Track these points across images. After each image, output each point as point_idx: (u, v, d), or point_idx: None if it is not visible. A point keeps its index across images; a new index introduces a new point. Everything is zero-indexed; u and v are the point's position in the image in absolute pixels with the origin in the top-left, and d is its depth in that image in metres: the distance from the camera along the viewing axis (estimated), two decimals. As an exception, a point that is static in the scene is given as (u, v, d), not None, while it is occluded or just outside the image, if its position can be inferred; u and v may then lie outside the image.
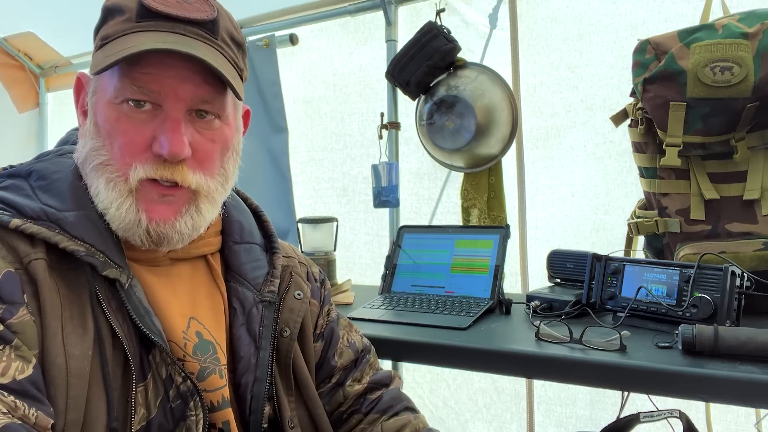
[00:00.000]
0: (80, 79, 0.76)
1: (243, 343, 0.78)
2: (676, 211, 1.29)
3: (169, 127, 0.68)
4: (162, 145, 0.67)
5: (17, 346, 0.59)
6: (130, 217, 0.68)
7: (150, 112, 0.68)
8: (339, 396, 0.92)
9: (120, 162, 0.68)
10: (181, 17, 0.69)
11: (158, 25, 0.68)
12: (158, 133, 0.68)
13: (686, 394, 0.88)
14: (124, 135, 0.68)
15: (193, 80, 0.69)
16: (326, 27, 2.09)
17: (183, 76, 0.68)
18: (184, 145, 0.68)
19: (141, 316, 0.68)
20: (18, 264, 0.63)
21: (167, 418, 0.69)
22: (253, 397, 0.77)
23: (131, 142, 0.68)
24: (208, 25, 0.71)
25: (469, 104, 1.64)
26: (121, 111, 0.68)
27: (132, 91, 0.67)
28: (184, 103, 0.69)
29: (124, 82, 0.67)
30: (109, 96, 0.69)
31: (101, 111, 0.70)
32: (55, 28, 2.44)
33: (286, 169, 2.05)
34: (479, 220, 1.74)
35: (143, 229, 0.69)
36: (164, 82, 0.68)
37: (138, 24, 0.68)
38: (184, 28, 0.69)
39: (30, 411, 0.57)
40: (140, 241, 0.70)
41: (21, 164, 0.74)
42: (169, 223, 0.70)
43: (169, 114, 0.68)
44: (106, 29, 0.71)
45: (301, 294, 0.87)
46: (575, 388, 1.72)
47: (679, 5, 1.54)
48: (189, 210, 0.72)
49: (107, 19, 0.71)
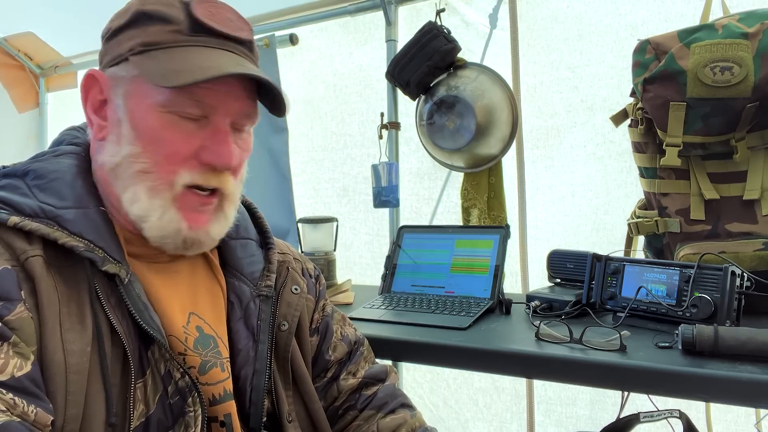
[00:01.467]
0: (95, 77, 0.73)
1: (241, 336, 0.79)
2: (676, 211, 1.29)
3: (221, 139, 0.71)
4: (215, 156, 0.71)
5: (15, 342, 0.59)
6: (171, 226, 0.71)
7: (197, 123, 0.71)
8: (334, 390, 0.92)
9: (164, 170, 0.70)
10: (230, 36, 0.72)
11: (209, 41, 0.71)
12: (208, 143, 0.71)
13: (686, 394, 0.88)
14: (170, 144, 0.69)
15: (241, 96, 0.73)
16: (326, 27, 2.09)
17: (234, 92, 0.72)
18: (234, 157, 0.72)
19: (140, 311, 0.68)
20: (15, 261, 0.63)
21: (166, 413, 0.69)
22: (253, 389, 0.78)
23: (178, 152, 0.70)
24: (249, 45, 0.75)
25: (469, 104, 1.64)
26: (168, 120, 0.69)
27: (189, 104, 0.69)
28: (230, 117, 0.72)
29: (182, 93, 0.68)
30: (155, 103, 0.69)
31: (142, 117, 0.69)
32: (55, 28, 2.44)
33: (286, 169, 2.05)
34: (479, 220, 1.74)
35: (181, 238, 0.72)
36: (220, 97, 0.70)
37: (190, 38, 0.70)
38: (233, 47, 0.72)
39: (29, 408, 0.57)
40: (173, 247, 0.72)
41: (16, 164, 0.74)
42: (203, 229, 0.73)
43: (220, 127, 0.71)
44: (147, 35, 0.69)
45: (298, 289, 0.88)
46: (575, 388, 1.72)
47: (679, 5, 1.54)
48: (218, 216, 0.75)
49: (143, 23, 0.70)
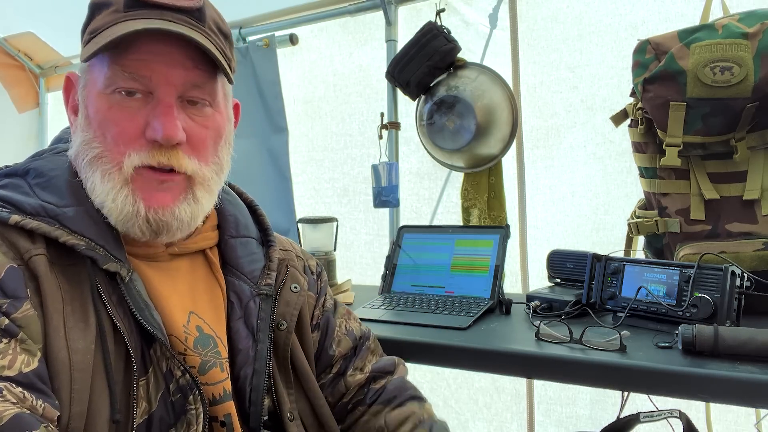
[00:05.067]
0: (70, 79, 0.76)
1: (241, 336, 0.79)
2: (676, 211, 1.29)
3: (161, 111, 0.68)
4: (156, 130, 0.67)
5: (22, 339, 0.60)
6: (127, 208, 0.68)
7: (141, 100, 0.69)
8: (341, 386, 0.91)
9: (114, 152, 0.68)
10: (168, 5, 0.69)
11: (146, 14, 0.68)
12: (151, 118, 0.68)
13: (686, 394, 0.88)
14: (116, 124, 0.68)
15: (184, 64, 0.69)
16: (326, 27, 2.09)
17: (174, 61, 0.69)
18: (177, 129, 0.68)
19: (140, 309, 0.68)
20: (19, 260, 0.64)
21: (168, 411, 0.69)
22: (253, 389, 0.77)
23: (124, 131, 0.68)
24: (195, 13, 0.71)
25: (469, 104, 1.64)
26: (113, 100, 0.68)
27: (123, 78, 0.67)
28: (175, 89, 0.69)
29: (115, 69, 0.67)
30: (100, 86, 0.69)
31: (92, 103, 0.70)
32: (55, 28, 2.44)
33: (286, 169, 2.05)
34: (479, 220, 1.74)
35: (142, 219, 0.69)
36: (155, 68, 0.68)
37: (126, 14, 0.69)
38: (172, 15, 0.69)
39: (37, 403, 0.58)
40: (140, 231, 0.70)
41: (17, 164, 0.75)
42: (168, 209, 0.70)
43: (162, 99, 0.68)
44: (94, 23, 0.71)
45: (298, 287, 0.87)
46: (575, 387, 1.72)
47: (679, 5, 1.54)
48: (186, 197, 0.72)
49: (95, 14, 0.71)
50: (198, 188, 0.73)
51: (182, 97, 0.71)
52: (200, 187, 0.73)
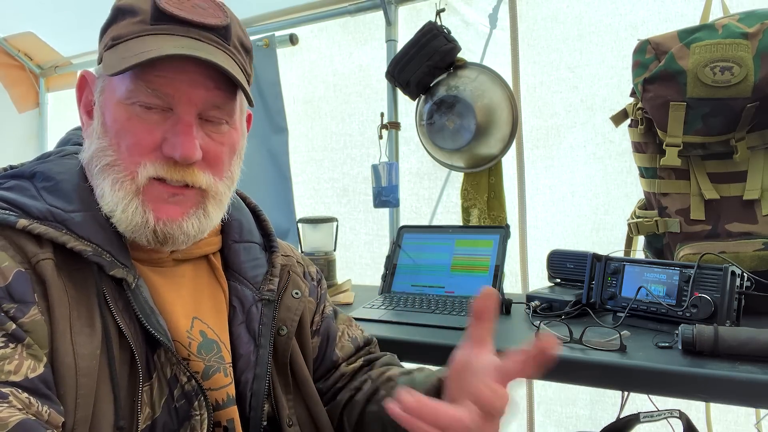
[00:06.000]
0: (85, 77, 0.75)
1: (242, 341, 0.78)
2: (676, 211, 1.29)
3: (181, 130, 0.68)
4: (174, 147, 0.68)
5: (29, 344, 0.60)
6: (137, 219, 0.68)
7: (161, 114, 0.69)
8: (336, 376, 0.91)
9: (127, 161, 0.68)
10: (195, 22, 0.69)
11: (172, 29, 0.68)
12: (170, 135, 0.68)
13: (686, 394, 0.88)
14: (133, 135, 0.68)
15: (206, 85, 0.69)
16: (326, 27, 2.09)
17: (196, 81, 0.69)
18: (195, 148, 0.68)
19: (147, 315, 0.68)
20: (27, 264, 0.63)
21: (171, 417, 0.69)
22: (253, 394, 0.77)
23: (140, 142, 0.68)
24: (221, 31, 0.71)
25: (469, 104, 1.64)
26: (132, 112, 0.68)
27: (146, 93, 0.67)
28: (195, 108, 0.69)
29: (138, 84, 0.67)
30: (120, 96, 0.68)
31: (110, 111, 0.69)
32: (55, 28, 2.44)
33: (286, 169, 2.05)
34: (479, 220, 1.74)
35: (150, 230, 0.69)
36: (178, 87, 0.68)
37: (152, 27, 0.68)
38: (198, 33, 0.69)
39: (43, 408, 0.58)
40: (146, 241, 0.70)
41: (23, 165, 0.74)
42: (176, 223, 0.70)
43: (182, 117, 0.68)
44: (117, 29, 0.70)
45: (299, 293, 0.87)
46: (575, 388, 1.72)
47: (679, 5, 1.54)
48: (197, 212, 0.72)
49: (118, 18, 0.71)
50: (210, 202, 0.73)
51: (201, 115, 0.71)
52: (212, 201, 0.74)
